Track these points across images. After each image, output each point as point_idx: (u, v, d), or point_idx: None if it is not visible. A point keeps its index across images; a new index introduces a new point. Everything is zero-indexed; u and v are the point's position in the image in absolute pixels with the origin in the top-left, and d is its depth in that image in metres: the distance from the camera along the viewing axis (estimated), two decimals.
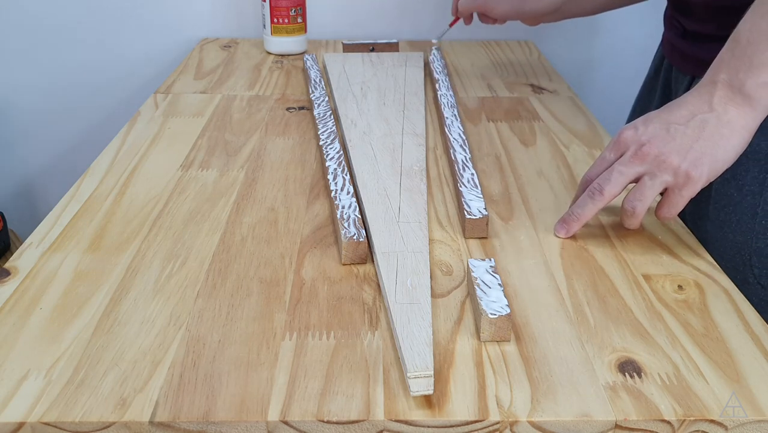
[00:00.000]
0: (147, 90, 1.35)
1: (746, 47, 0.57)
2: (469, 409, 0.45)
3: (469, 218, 0.64)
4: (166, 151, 0.82)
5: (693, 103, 0.59)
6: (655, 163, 0.58)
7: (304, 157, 0.81)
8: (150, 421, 0.44)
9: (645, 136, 0.58)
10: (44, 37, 1.33)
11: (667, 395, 0.47)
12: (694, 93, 0.60)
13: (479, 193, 0.69)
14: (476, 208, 0.66)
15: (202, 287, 0.57)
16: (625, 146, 0.60)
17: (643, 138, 0.58)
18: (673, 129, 0.58)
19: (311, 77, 1.03)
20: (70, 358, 0.49)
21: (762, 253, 0.68)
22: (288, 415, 0.45)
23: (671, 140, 0.58)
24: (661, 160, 0.58)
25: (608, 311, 0.55)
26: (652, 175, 0.59)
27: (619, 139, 0.60)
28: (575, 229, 0.64)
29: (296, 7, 1.17)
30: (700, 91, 0.59)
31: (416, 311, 0.53)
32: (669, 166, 0.58)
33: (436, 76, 1.03)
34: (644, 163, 0.58)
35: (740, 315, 0.55)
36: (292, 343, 0.51)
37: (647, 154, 0.58)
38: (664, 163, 0.58)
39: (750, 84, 0.57)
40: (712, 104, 0.58)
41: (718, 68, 0.59)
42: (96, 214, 0.68)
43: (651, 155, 0.58)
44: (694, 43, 0.61)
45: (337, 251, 0.63)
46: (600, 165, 0.62)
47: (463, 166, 0.74)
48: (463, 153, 0.77)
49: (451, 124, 0.85)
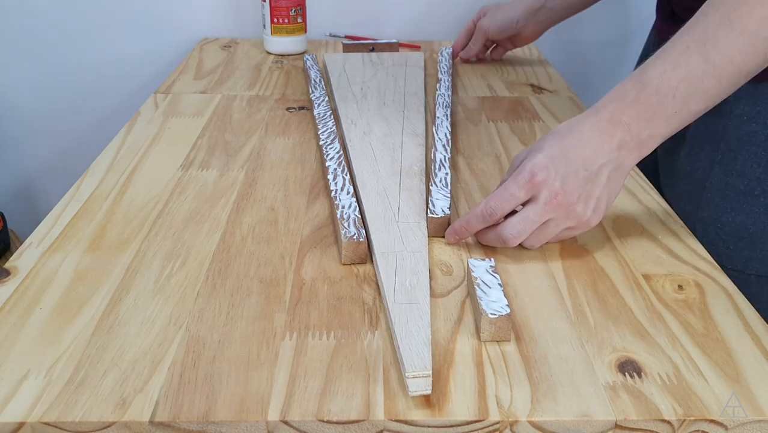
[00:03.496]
0: (147, 90, 1.36)
1: (652, 97, 0.57)
2: (469, 409, 0.45)
3: (430, 217, 0.65)
4: (166, 151, 0.82)
5: (596, 144, 0.59)
6: (564, 212, 0.59)
7: (304, 157, 0.81)
8: (150, 421, 0.44)
9: (558, 184, 0.58)
10: (44, 37, 1.33)
11: (667, 395, 0.47)
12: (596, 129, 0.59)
13: (447, 193, 0.69)
14: (440, 208, 0.66)
15: (202, 287, 0.57)
16: (537, 190, 0.58)
17: (557, 186, 0.58)
18: (582, 179, 0.58)
19: (311, 77, 1.03)
20: (70, 358, 0.49)
21: (704, 222, 0.75)
22: (288, 415, 0.45)
23: (581, 191, 0.58)
24: (570, 210, 0.59)
25: (608, 311, 0.55)
26: (557, 222, 0.60)
27: (533, 180, 0.58)
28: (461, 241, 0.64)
29: (296, 7, 1.17)
30: (601, 128, 0.59)
31: (415, 310, 0.53)
32: (576, 215, 0.59)
33: (440, 75, 1.04)
34: (555, 212, 0.59)
35: (740, 315, 0.55)
36: (292, 343, 0.51)
37: (560, 205, 0.58)
38: (573, 213, 0.59)
39: (646, 134, 0.58)
40: (612, 149, 0.58)
41: (622, 106, 0.58)
42: (96, 215, 0.68)
43: (563, 206, 0.58)
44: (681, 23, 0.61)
45: (337, 251, 0.63)
46: (507, 201, 0.59)
47: (440, 165, 0.74)
48: (444, 153, 0.77)
49: (440, 124, 0.85)
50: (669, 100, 0.57)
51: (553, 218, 0.59)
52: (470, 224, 0.62)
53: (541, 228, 0.60)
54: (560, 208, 0.58)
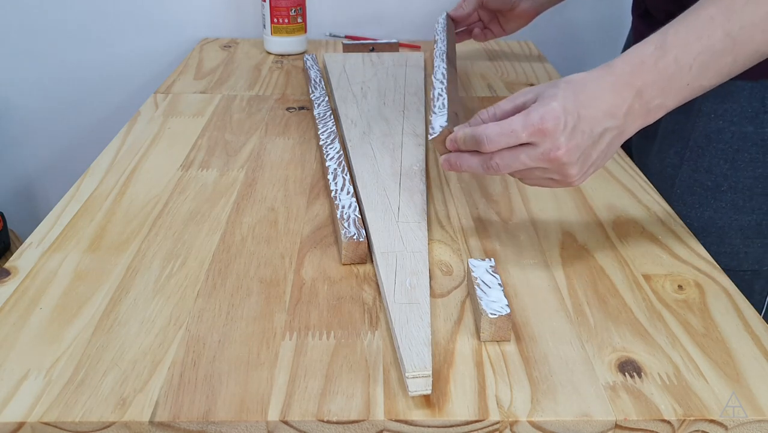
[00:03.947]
0: (147, 90, 1.36)
1: (671, 65, 0.56)
2: (469, 409, 0.45)
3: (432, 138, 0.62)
4: (166, 151, 0.82)
5: (608, 105, 0.57)
6: (557, 167, 0.57)
7: (304, 157, 0.81)
8: (150, 421, 0.44)
9: (563, 139, 0.56)
10: (44, 37, 1.33)
11: (667, 395, 0.47)
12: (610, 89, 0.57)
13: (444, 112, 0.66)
14: (438, 125, 0.63)
15: (202, 286, 0.57)
16: (541, 137, 0.56)
17: (561, 141, 0.56)
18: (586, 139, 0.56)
19: (311, 77, 1.03)
20: (70, 358, 0.49)
21: None
22: (288, 415, 0.45)
23: (582, 152, 0.57)
24: (564, 168, 0.57)
25: (608, 310, 0.55)
26: (546, 171, 0.58)
27: (541, 126, 0.55)
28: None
29: (296, 7, 1.17)
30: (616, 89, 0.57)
31: (415, 310, 0.53)
32: (566, 173, 0.57)
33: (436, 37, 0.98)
34: (550, 165, 0.57)
35: (740, 315, 0.55)
36: (292, 343, 0.51)
37: (557, 160, 0.56)
38: (565, 171, 0.57)
39: (656, 104, 0.57)
40: (621, 114, 0.57)
41: (640, 70, 0.57)
42: (96, 214, 0.68)
43: (559, 162, 0.56)
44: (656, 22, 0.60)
45: (337, 251, 0.63)
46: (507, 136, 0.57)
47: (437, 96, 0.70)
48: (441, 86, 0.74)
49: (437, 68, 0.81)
50: (685, 72, 0.56)
51: (546, 168, 0.57)
52: (465, 141, 0.59)
53: (529, 171, 0.58)
54: (556, 163, 0.56)
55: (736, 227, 0.76)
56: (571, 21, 1.35)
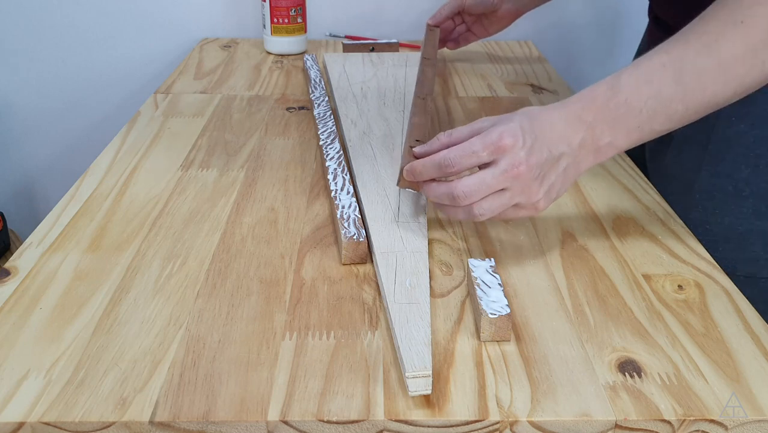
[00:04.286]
0: (147, 90, 1.36)
1: (621, 106, 0.57)
2: (469, 409, 0.45)
3: None
4: (166, 151, 0.82)
5: (562, 132, 0.58)
6: (520, 185, 0.57)
7: (304, 157, 0.81)
8: (150, 421, 0.44)
9: (523, 154, 0.56)
10: (44, 38, 1.33)
11: (667, 395, 0.47)
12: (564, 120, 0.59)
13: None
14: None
15: (202, 286, 0.57)
16: (501, 154, 0.57)
17: (522, 156, 0.56)
18: (545, 158, 0.57)
19: (311, 77, 1.03)
20: (70, 358, 0.49)
21: (694, 223, 0.72)
22: (288, 415, 0.45)
23: (542, 169, 0.57)
24: (527, 184, 0.57)
25: (608, 311, 0.55)
26: (511, 194, 0.57)
27: (500, 143, 0.56)
28: None
29: (296, 7, 1.17)
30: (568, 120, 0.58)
31: (415, 311, 0.53)
32: (530, 192, 0.57)
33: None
34: (512, 182, 0.57)
35: (740, 315, 0.55)
36: (292, 343, 0.51)
37: (519, 176, 0.56)
38: (528, 189, 0.57)
39: (606, 141, 0.58)
40: (574, 144, 0.58)
41: (591, 107, 0.58)
42: (96, 214, 0.68)
43: (522, 178, 0.56)
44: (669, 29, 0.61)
45: (337, 251, 0.63)
46: (468, 157, 0.57)
47: None
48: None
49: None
50: (635, 114, 0.57)
51: (507, 188, 0.57)
52: (426, 168, 0.59)
53: (492, 195, 0.58)
54: (519, 179, 0.56)
55: (757, 233, 0.73)
56: (571, 21, 1.35)
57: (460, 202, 0.58)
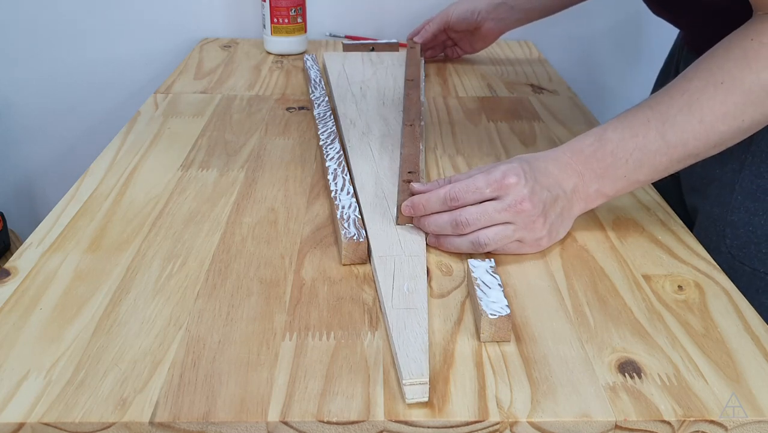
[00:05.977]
0: (147, 90, 1.36)
1: (607, 157, 0.61)
2: (469, 409, 0.45)
3: None
4: (166, 151, 0.82)
5: (557, 178, 0.62)
6: (524, 221, 0.60)
7: (304, 157, 0.81)
8: (150, 421, 0.44)
9: (527, 191, 0.59)
10: (44, 37, 1.33)
11: (667, 395, 0.47)
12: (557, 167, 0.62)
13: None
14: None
15: (202, 287, 0.57)
16: (504, 191, 0.60)
17: (525, 193, 0.59)
18: (545, 198, 0.60)
19: (311, 77, 1.03)
20: (70, 358, 0.49)
21: (735, 225, 0.72)
22: (288, 415, 0.45)
23: (543, 208, 0.60)
24: (530, 220, 0.60)
25: (608, 311, 0.55)
26: (515, 228, 0.60)
27: (503, 181, 0.60)
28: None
29: (296, 7, 1.17)
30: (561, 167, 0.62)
31: (413, 316, 0.52)
32: (533, 228, 0.60)
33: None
34: (516, 217, 0.60)
35: (740, 315, 0.55)
36: (292, 343, 0.51)
37: (523, 212, 0.59)
38: (531, 225, 0.60)
39: (594, 189, 0.62)
40: (568, 189, 0.62)
41: (579, 157, 0.62)
42: (96, 215, 0.68)
43: (525, 213, 0.59)
44: None
45: (337, 251, 0.63)
46: (472, 192, 0.60)
47: None
48: None
49: None
50: (621, 164, 0.61)
51: (511, 222, 0.60)
52: (429, 203, 0.62)
53: (496, 226, 0.60)
54: (522, 214, 0.59)
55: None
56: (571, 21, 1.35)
57: (464, 230, 0.60)
